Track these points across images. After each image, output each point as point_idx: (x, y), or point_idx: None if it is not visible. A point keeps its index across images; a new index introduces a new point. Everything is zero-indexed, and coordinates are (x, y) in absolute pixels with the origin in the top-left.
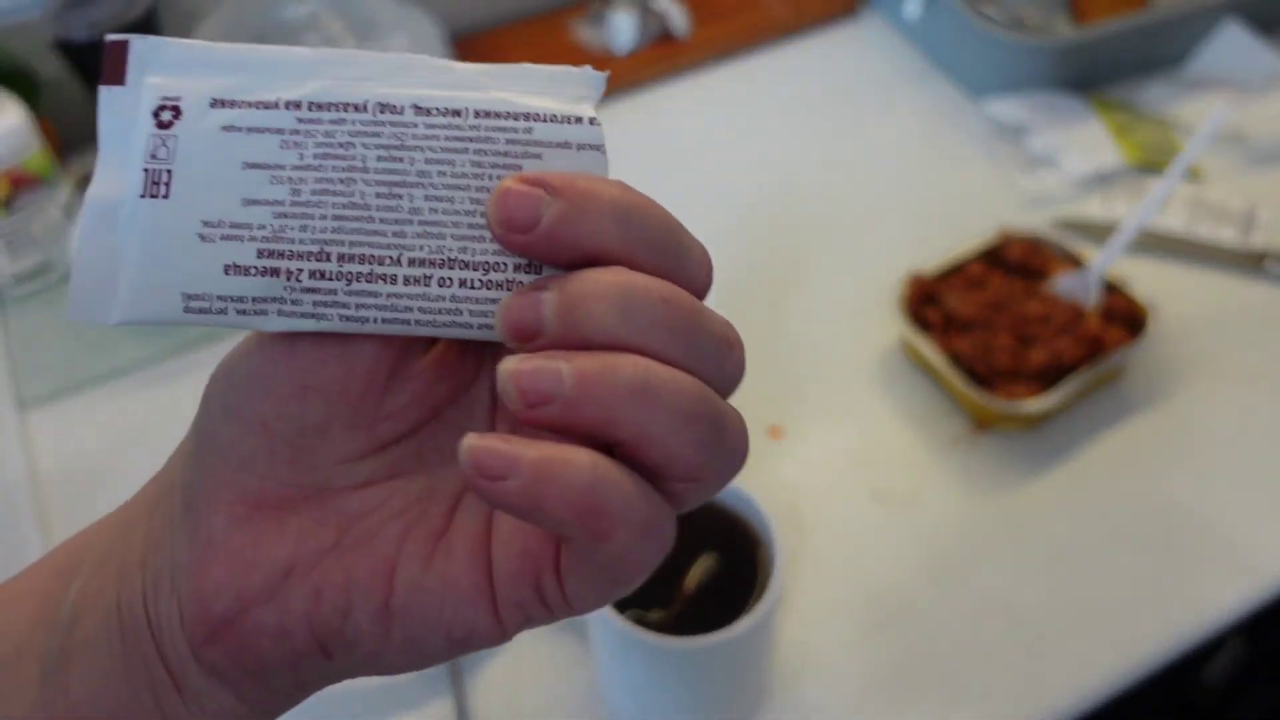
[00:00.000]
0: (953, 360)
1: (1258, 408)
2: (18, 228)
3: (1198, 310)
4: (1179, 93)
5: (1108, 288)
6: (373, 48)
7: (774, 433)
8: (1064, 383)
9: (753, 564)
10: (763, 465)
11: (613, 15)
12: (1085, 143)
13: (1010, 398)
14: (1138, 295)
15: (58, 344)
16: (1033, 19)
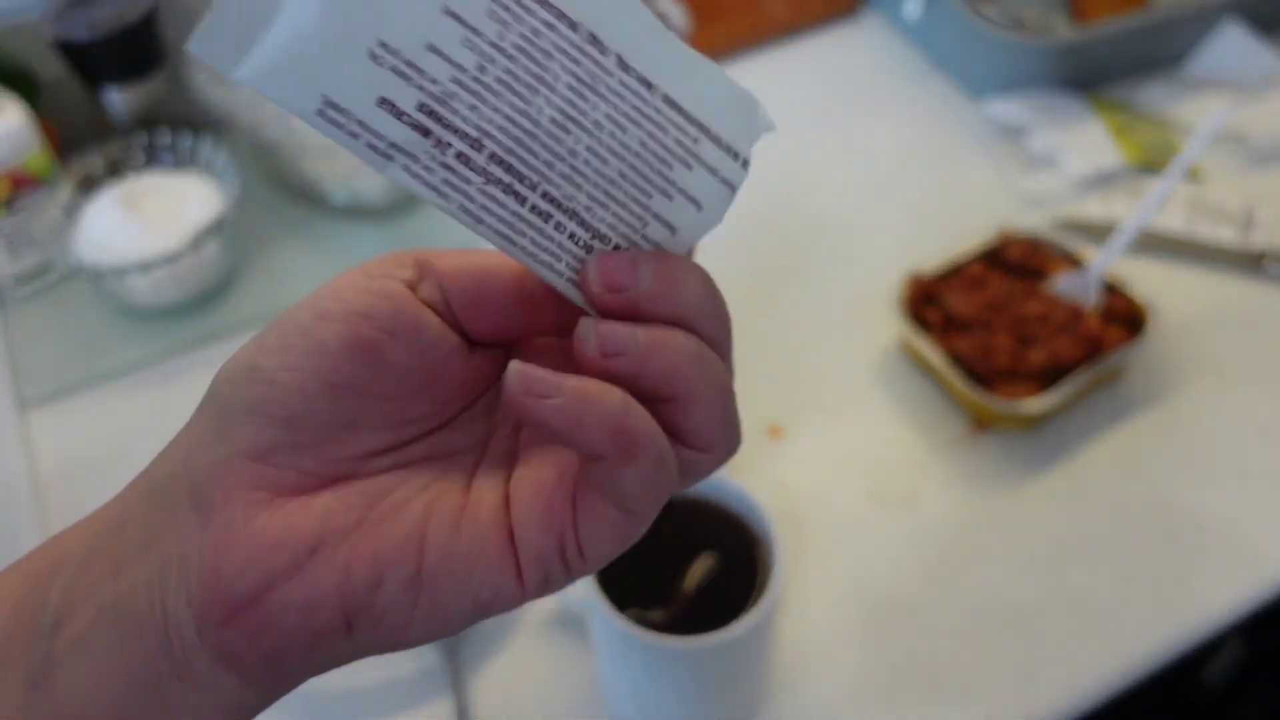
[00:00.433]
0: (952, 360)
1: (1257, 408)
2: (18, 228)
3: (1197, 310)
4: (1179, 93)
5: (1107, 288)
6: None
7: (774, 432)
8: (1063, 383)
9: (753, 564)
10: (762, 465)
11: None
12: (1085, 143)
13: (1010, 398)
14: (1137, 295)
15: (58, 344)
16: (1032, 19)
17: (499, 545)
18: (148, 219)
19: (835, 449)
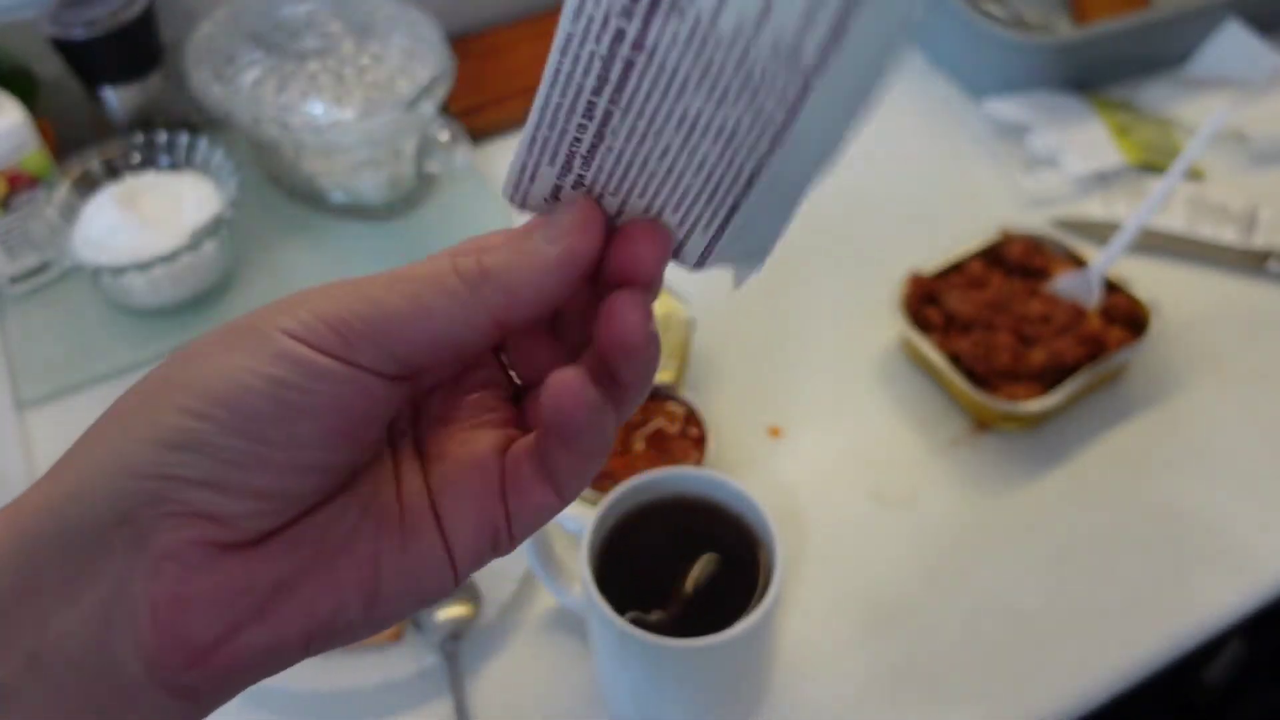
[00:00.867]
0: (953, 360)
1: (1259, 408)
2: (15, 227)
3: (1199, 310)
4: (1179, 93)
5: (1108, 287)
6: (371, 46)
7: (774, 432)
8: (1064, 383)
9: (753, 564)
10: (763, 465)
11: None
12: (1086, 142)
13: (1010, 398)
14: (1139, 295)
15: (55, 344)
16: (1033, 18)
17: (442, 552)
18: (145, 218)
19: (835, 449)
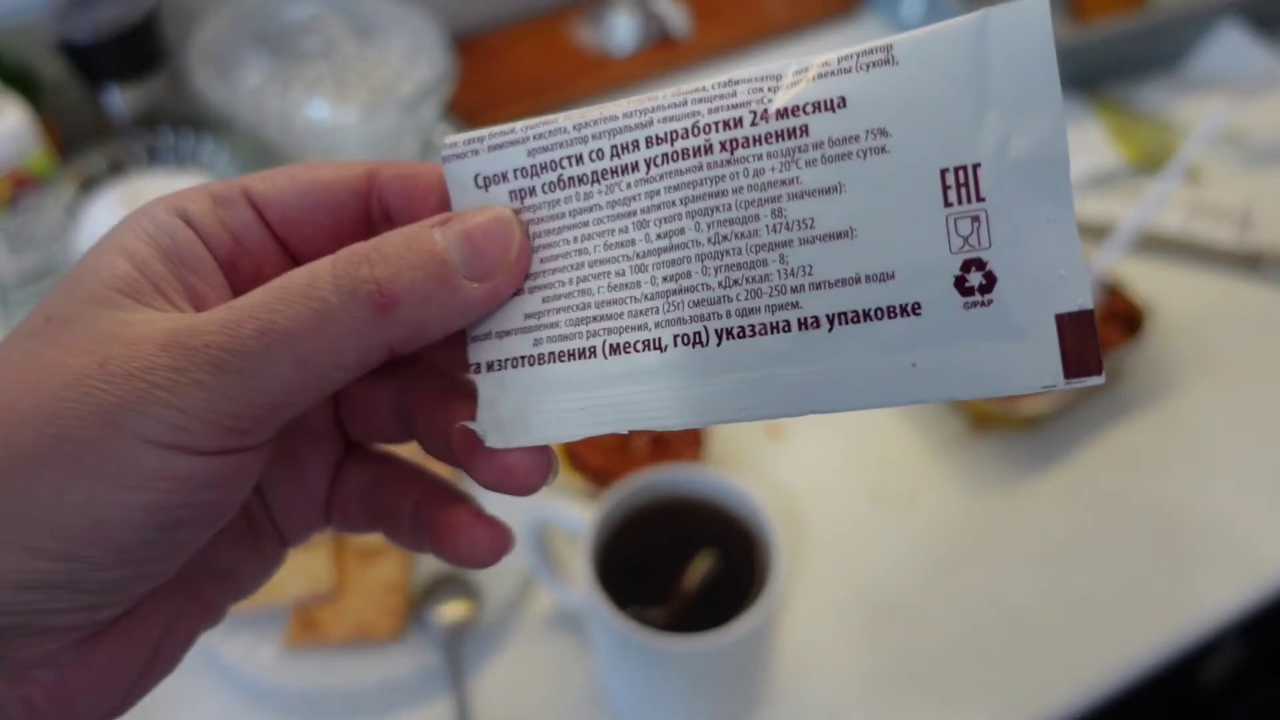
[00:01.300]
0: None
1: (1256, 407)
2: (20, 228)
3: (1196, 310)
4: (1178, 93)
5: (1106, 288)
6: (373, 48)
7: (774, 433)
8: None
9: (753, 564)
10: (763, 465)
11: (612, 16)
12: (1084, 143)
13: (1009, 398)
14: (1136, 295)
15: None
16: None
17: (281, 545)
18: None
19: (835, 449)
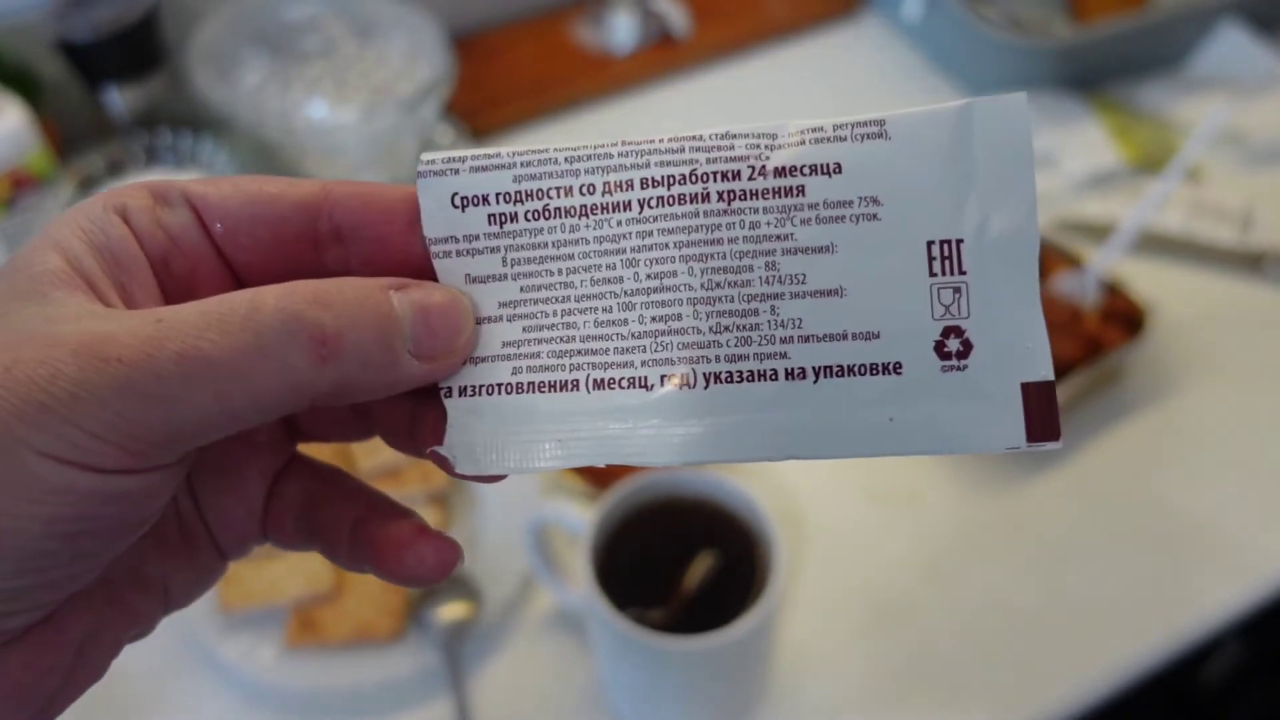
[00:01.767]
0: None
1: (1256, 407)
2: (19, 228)
3: (1196, 310)
4: (1178, 93)
5: (1106, 288)
6: (373, 48)
7: None
8: (1063, 383)
9: (753, 564)
10: (763, 465)
11: (613, 16)
12: (1084, 143)
13: None
14: (1136, 295)
15: None
16: (1032, 19)
17: (218, 555)
18: None
19: None
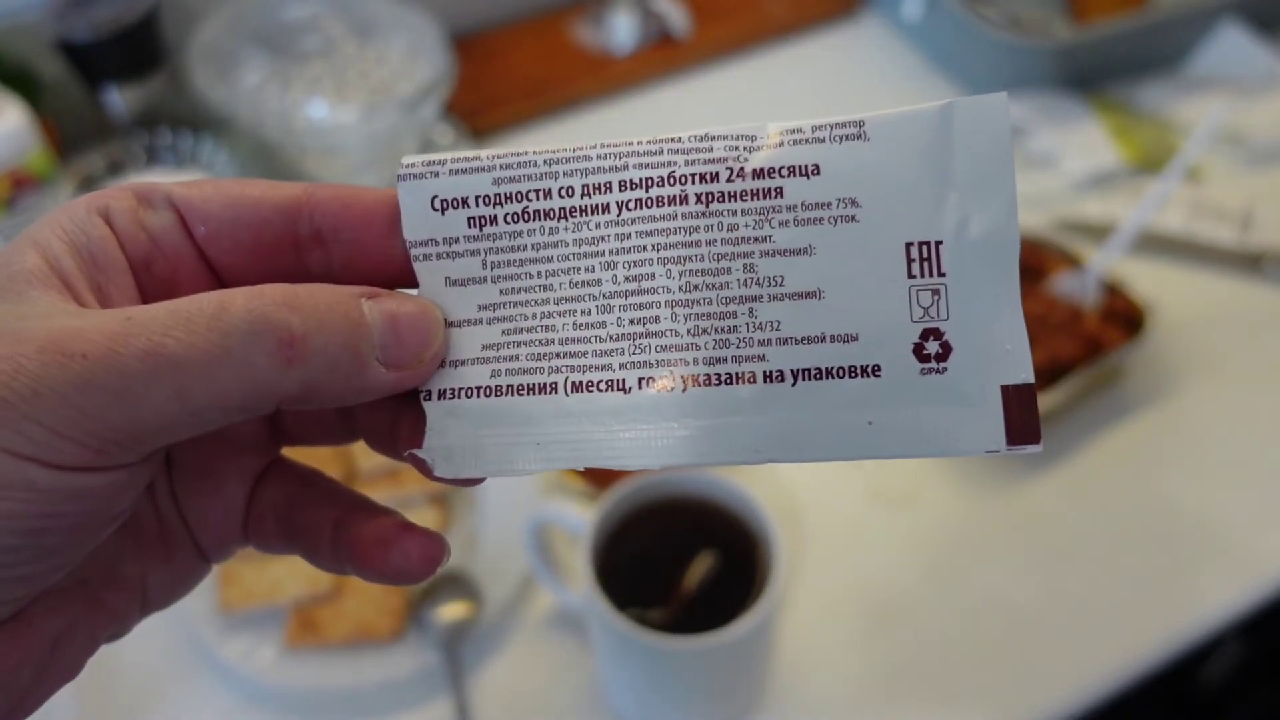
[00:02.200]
0: None
1: (1256, 407)
2: (19, 228)
3: (1196, 310)
4: (1178, 93)
5: (1106, 288)
6: (373, 48)
7: None
8: (1063, 383)
9: (753, 564)
10: (763, 465)
11: (613, 16)
12: (1084, 143)
13: None
14: (1136, 295)
15: None
16: (1031, 19)
17: (198, 556)
18: None
19: None
